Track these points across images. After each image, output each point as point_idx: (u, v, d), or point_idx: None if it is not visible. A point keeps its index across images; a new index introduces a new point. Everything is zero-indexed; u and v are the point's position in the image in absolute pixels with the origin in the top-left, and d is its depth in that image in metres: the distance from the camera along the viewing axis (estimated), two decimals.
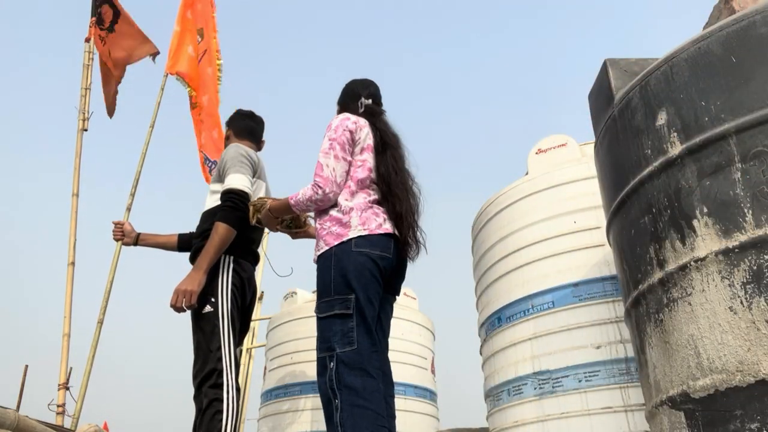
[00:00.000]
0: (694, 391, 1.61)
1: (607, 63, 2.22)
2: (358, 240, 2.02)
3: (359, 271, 1.99)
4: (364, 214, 2.08)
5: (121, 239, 3.13)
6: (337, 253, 2.02)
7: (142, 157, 3.93)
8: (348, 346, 1.91)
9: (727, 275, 1.58)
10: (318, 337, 2.00)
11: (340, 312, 1.95)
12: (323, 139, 2.17)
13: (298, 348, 5.12)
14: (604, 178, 2.24)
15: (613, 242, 2.20)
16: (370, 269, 2.01)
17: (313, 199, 2.09)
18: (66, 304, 3.36)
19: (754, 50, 1.66)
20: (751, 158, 1.59)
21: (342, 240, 2.03)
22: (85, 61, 4.06)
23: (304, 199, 2.11)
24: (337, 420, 1.85)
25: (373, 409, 1.86)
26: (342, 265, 2.00)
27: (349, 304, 1.95)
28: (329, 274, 2.01)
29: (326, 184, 2.07)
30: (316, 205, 2.12)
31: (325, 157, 2.11)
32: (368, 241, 2.03)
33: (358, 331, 1.93)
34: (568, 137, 3.79)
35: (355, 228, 2.04)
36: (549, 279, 3.37)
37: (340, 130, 2.16)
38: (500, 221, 3.80)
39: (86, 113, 3.89)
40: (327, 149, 2.12)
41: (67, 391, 3.10)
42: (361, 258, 2.00)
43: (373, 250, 2.04)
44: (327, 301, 1.99)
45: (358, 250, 2.01)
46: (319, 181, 2.07)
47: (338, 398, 1.86)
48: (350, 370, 1.88)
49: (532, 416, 3.22)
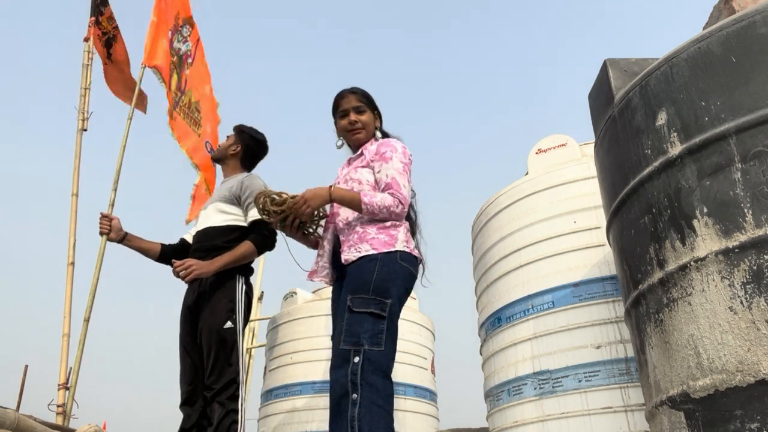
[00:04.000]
0: (694, 391, 1.61)
1: (607, 63, 2.22)
2: (403, 254, 2.12)
3: (400, 282, 2.08)
4: (407, 234, 2.22)
5: (108, 233, 3.03)
6: (383, 259, 2.09)
7: (121, 150, 3.81)
8: (376, 346, 1.96)
9: (727, 275, 1.58)
10: (345, 329, 2.02)
11: (375, 311, 2.00)
12: (389, 157, 2.23)
13: (298, 348, 5.12)
14: (604, 178, 2.24)
15: (613, 242, 2.20)
16: (407, 284, 2.13)
17: (391, 210, 2.15)
18: (66, 304, 3.36)
19: (754, 50, 1.66)
20: (751, 158, 1.59)
21: (389, 249, 2.11)
22: (84, 60, 4.05)
23: (382, 205, 2.14)
24: (353, 414, 1.86)
25: (389, 411, 1.92)
26: (387, 270, 2.07)
27: (385, 308, 2.01)
28: (371, 275, 2.06)
29: (406, 203, 2.18)
30: (387, 215, 2.16)
31: (402, 177, 2.20)
32: (409, 257, 2.15)
33: (386, 335, 1.99)
34: (568, 137, 3.79)
35: (401, 242, 2.14)
36: (549, 279, 3.37)
37: (407, 157, 2.28)
38: (500, 221, 3.80)
39: (86, 113, 3.88)
40: (402, 170, 2.21)
41: (67, 391, 3.10)
42: (403, 270, 2.11)
43: (411, 266, 2.15)
44: (364, 298, 2.03)
45: (402, 263, 2.11)
46: (401, 197, 2.16)
47: (358, 393, 1.89)
48: (375, 369, 1.92)
49: (532, 416, 3.22)
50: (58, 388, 3.11)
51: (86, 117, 3.88)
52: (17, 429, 1.93)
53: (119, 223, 3.07)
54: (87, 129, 3.87)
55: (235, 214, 2.82)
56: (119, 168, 3.74)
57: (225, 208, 2.83)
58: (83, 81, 3.98)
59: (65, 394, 3.09)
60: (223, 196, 2.86)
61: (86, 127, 3.86)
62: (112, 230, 3.04)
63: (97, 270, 3.38)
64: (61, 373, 3.15)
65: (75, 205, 3.62)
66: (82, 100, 3.92)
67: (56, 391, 3.11)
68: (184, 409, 2.63)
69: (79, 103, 3.91)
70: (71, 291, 3.39)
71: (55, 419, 2.99)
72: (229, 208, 2.83)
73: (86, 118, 3.88)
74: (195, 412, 2.59)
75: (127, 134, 3.90)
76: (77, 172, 3.72)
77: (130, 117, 3.96)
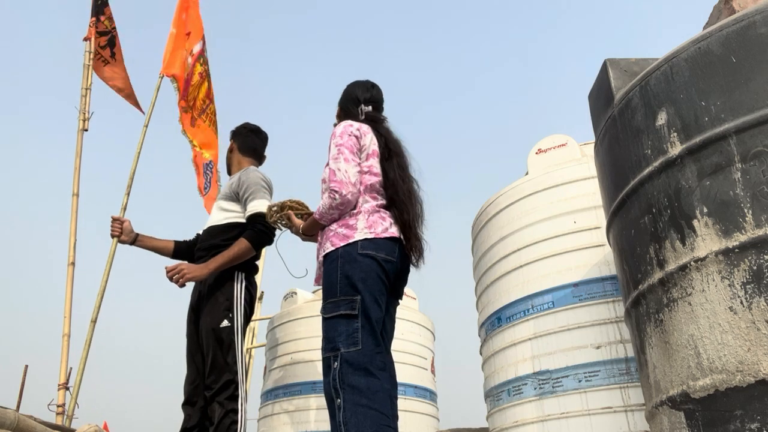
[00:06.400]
0: (694, 391, 1.61)
1: (607, 63, 2.22)
2: (363, 242, 2.04)
3: (365, 273, 2.01)
4: (371, 218, 2.11)
5: (119, 236, 3.08)
6: (343, 254, 2.03)
7: (136, 156, 3.88)
8: (352, 346, 1.92)
9: (727, 275, 1.58)
10: (323, 337, 2.01)
11: (345, 312, 1.96)
12: (330, 148, 2.18)
13: (298, 348, 5.12)
14: (604, 178, 2.24)
15: (613, 242, 2.20)
16: (376, 271, 2.03)
17: (333, 206, 2.08)
18: (66, 304, 3.36)
19: (754, 50, 1.66)
20: (751, 158, 1.59)
21: (348, 242, 2.04)
22: (85, 61, 4.06)
23: (326, 209, 2.10)
24: (339, 419, 1.86)
25: (377, 408, 1.87)
26: (349, 267, 2.01)
27: (355, 305, 1.96)
28: (335, 274, 2.02)
29: (342, 187, 2.06)
30: (338, 210, 2.10)
31: (335, 162, 2.12)
32: (374, 243, 2.05)
33: (362, 333, 1.95)
34: (568, 137, 3.79)
35: (362, 231, 2.06)
36: (549, 279, 3.37)
37: (345, 137, 2.18)
38: (500, 221, 3.80)
39: (86, 113, 3.89)
40: (336, 155, 2.13)
41: (67, 391, 3.10)
42: (366, 260, 2.02)
43: (378, 252, 2.05)
44: (333, 301, 2.01)
45: (363, 252, 2.03)
46: (333, 185, 2.07)
47: (341, 398, 1.87)
48: (354, 370, 1.89)
49: (532, 416, 3.22)
50: (58, 388, 3.11)
51: (87, 117, 3.88)
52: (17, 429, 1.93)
53: (130, 225, 3.10)
54: (88, 129, 3.87)
55: (236, 211, 2.79)
56: (133, 173, 3.79)
57: (226, 206, 2.81)
58: (84, 81, 3.99)
59: (65, 394, 3.09)
60: (224, 193, 2.86)
61: (87, 128, 3.87)
62: (123, 233, 3.08)
63: (107, 272, 3.40)
64: (61, 373, 3.15)
65: (75, 205, 3.63)
66: (82, 100, 3.92)
67: (56, 391, 3.11)
68: (185, 409, 2.63)
69: (80, 103, 3.91)
70: (71, 291, 3.40)
71: (55, 419, 3.00)
72: (230, 205, 2.81)
73: (87, 119, 3.88)
74: (196, 412, 2.59)
75: (143, 141, 3.94)
76: (78, 172, 3.73)
77: (146, 125, 4.00)
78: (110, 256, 3.36)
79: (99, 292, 3.36)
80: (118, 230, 3.08)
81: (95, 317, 3.28)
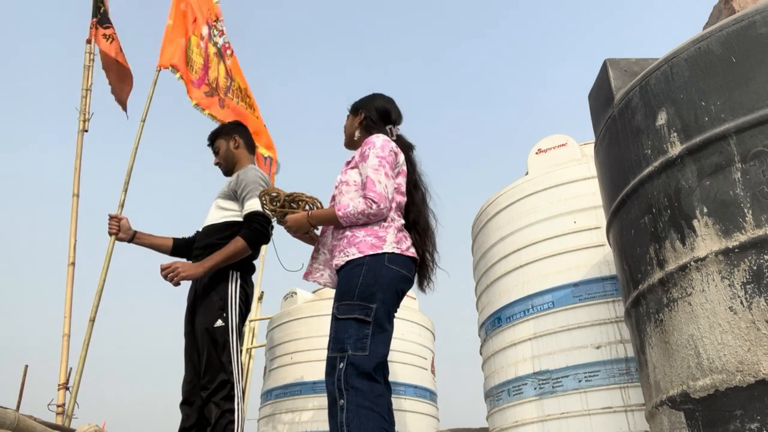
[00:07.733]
0: (694, 391, 1.61)
1: (607, 63, 2.22)
2: (391, 256, 2.08)
3: (387, 285, 2.04)
4: (398, 234, 2.15)
5: (116, 234, 3.04)
6: (370, 263, 2.06)
7: (133, 152, 3.85)
8: (360, 351, 1.95)
9: (727, 275, 1.58)
10: (332, 337, 2.03)
11: (359, 317, 1.99)
12: (367, 156, 2.18)
13: (298, 348, 5.12)
14: (604, 178, 2.24)
15: (613, 242, 2.20)
16: (396, 286, 2.08)
17: (366, 213, 2.08)
18: (66, 304, 3.35)
19: (754, 50, 1.66)
20: (751, 158, 1.59)
21: (376, 252, 2.07)
22: (85, 62, 4.05)
23: (356, 212, 2.09)
24: (342, 420, 1.87)
25: (379, 412, 1.90)
26: (373, 275, 2.04)
27: (370, 313, 1.99)
28: (357, 279, 2.04)
29: (381, 200, 2.08)
30: (366, 219, 2.11)
31: (376, 173, 2.12)
32: (399, 258, 2.10)
33: (372, 340, 1.97)
34: (568, 137, 3.79)
35: (390, 244, 2.09)
36: (549, 279, 3.37)
37: (386, 150, 2.19)
38: (500, 221, 3.80)
39: (87, 114, 3.88)
40: (377, 166, 2.14)
41: (67, 391, 3.10)
42: (391, 273, 2.06)
43: (401, 268, 2.10)
44: (348, 304, 2.02)
45: (390, 265, 2.07)
46: (373, 196, 2.08)
47: (344, 398, 1.89)
48: (359, 373, 1.92)
49: (532, 416, 3.22)
50: (58, 388, 3.11)
51: (87, 118, 3.88)
52: (17, 429, 1.93)
53: (128, 223, 3.07)
54: (88, 130, 3.87)
55: (233, 210, 2.77)
56: (130, 169, 3.77)
57: (223, 204, 2.79)
58: (84, 82, 3.98)
59: (65, 394, 3.09)
60: (223, 192, 2.84)
61: (87, 128, 3.87)
62: (121, 230, 3.04)
63: (104, 271, 3.38)
64: (61, 373, 3.15)
65: (76, 206, 3.62)
66: (83, 101, 3.92)
67: (56, 391, 3.11)
68: (183, 409, 2.62)
69: (81, 104, 3.91)
70: (72, 291, 3.39)
71: (55, 419, 3.00)
72: (227, 204, 2.79)
73: (87, 119, 3.88)
74: (194, 411, 2.58)
75: (140, 136, 3.93)
76: (78, 173, 3.73)
77: (143, 119, 3.98)
78: (108, 255, 3.34)
79: (97, 290, 3.35)
80: (116, 228, 3.04)
81: (93, 316, 3.27)
